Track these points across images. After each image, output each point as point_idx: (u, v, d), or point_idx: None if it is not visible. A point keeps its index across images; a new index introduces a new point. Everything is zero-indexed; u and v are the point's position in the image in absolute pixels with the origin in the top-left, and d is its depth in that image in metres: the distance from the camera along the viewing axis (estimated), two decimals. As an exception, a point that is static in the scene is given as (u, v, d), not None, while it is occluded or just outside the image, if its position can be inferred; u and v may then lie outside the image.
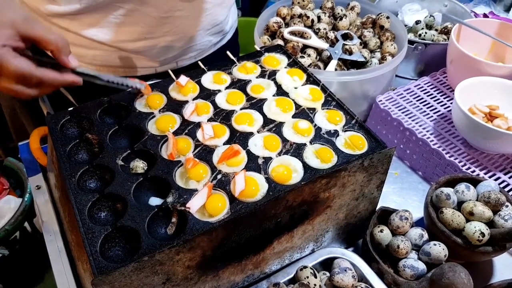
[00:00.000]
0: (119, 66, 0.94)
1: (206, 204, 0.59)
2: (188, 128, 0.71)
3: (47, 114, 0.74)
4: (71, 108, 0.75)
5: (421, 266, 0.69)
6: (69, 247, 0.74)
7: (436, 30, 1.25)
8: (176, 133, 0.70)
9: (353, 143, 0.69)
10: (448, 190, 0.74)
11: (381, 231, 0.74)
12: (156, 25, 0.89)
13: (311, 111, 0.75)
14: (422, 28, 1.22)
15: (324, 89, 0.78)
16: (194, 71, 0.82)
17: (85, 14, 0.84)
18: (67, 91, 0.82)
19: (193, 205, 0.59)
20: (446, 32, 1.21)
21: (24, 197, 1.13)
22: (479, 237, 0.68)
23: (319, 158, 0.66)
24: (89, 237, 0.56)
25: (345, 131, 0.71)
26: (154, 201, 0.63)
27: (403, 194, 0.92)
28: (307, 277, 0.67)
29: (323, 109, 0.75)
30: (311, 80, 0.80)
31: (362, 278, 0.70)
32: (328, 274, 0.70)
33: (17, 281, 1.14)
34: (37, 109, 1.84)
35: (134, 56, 0.93)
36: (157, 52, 0.94)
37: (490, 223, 0.71)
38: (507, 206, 0.74)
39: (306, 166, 0.65)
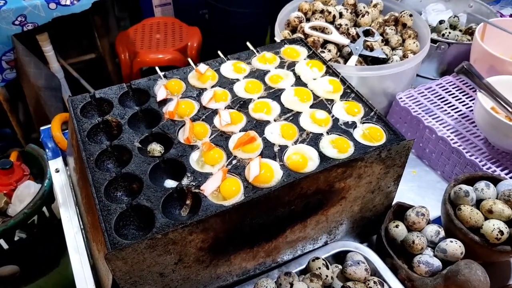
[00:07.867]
0: None
1: (221, 187, 0.59)
2: (206, 114, 0.71)
3: (69, 96, 0.76)
4: (91, 92, 0.76)
5: (437, 263, 0.68)
6: (85, 229, 0.75)
7: (460, 30, 1.23)
8: (193, 119, 0.71)
9: (371, 134, 0.68)
10: (467, 187, 0.73)
11: (397, 226, 0.73)
12: None
13: (329, 102, 0.74)
14: (446, 28, 1.20)
15: (343, 81, 0.77)
16: (214, 60, 0.83)
17: None
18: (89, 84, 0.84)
19: (208, 188, 0.59)
20: (470, 33, 1.19)
21: (44, 182, 1.15)
22: (497, 235, 0.67)
23: (336, 148, 0.66)
24: (104, 214, 0.57)
25: (363, 122, 0.70)
26: (170, 183, 0.63)
27: (420, 192, 0.90)
28: (319, 267, 0.67)
29: (341, 101, 0.74)
30: (331, 72, 0.80)
31: (375, 273, 0.69)
32: (340, 267, 0.70)
33: (33, 264, 1.17)
34: (59, 99, 1.88)
35: None
36: None
37: (510, 222, 0.69)
38: (528, 206, 0.72)
39: (322, 155, 0.65)
